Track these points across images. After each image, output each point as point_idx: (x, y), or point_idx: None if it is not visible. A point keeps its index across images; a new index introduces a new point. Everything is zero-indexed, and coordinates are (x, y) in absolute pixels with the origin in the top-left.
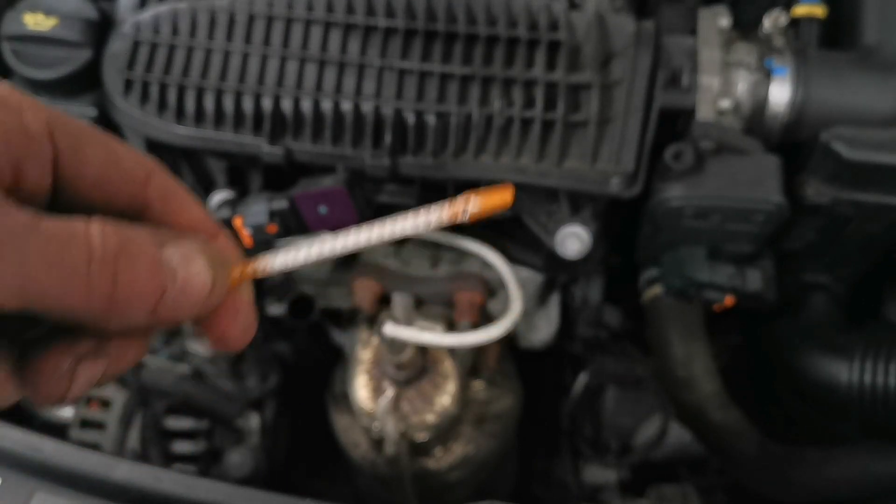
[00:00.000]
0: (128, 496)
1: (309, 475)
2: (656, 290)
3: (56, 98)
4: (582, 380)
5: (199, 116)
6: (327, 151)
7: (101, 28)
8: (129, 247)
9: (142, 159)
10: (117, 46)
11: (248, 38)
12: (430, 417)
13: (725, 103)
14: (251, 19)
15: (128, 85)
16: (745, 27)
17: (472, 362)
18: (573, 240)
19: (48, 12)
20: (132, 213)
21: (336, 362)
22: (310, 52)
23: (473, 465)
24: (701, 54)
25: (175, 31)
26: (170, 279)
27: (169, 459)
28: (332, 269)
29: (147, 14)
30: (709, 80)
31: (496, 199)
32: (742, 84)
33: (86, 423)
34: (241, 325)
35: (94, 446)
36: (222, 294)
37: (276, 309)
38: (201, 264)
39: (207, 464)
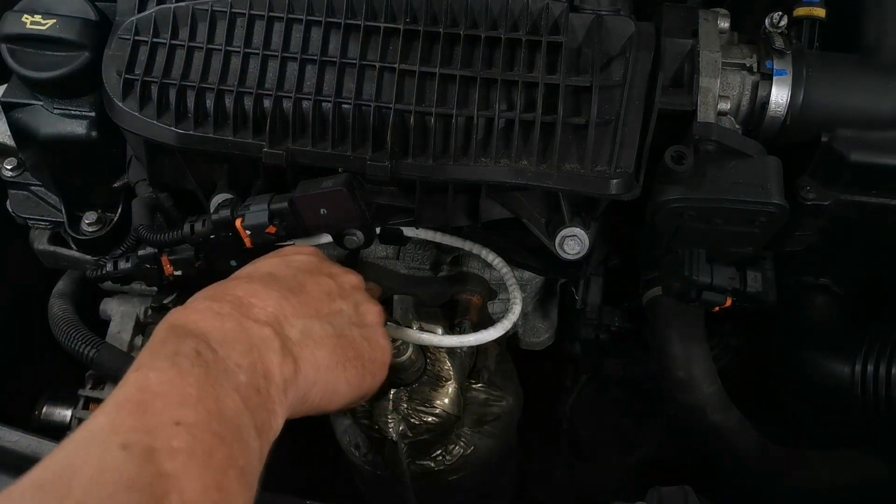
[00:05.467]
0: None
1: (309, 476)
2: (656, 291)
3: (55, 99)
4: (582, 381)
5: (199, 118)
6: (328, 153)
7: (101, 28)
8: None
9: None
10: (116, 47)
11: (248, 39)
12: (430, 418)
13: (725, 105)
14: (251, 20)
15: (127, 86)
16: (746, 29)
17: (472, 363)
18: (573, 241)
19: (47, 13)
20: None
21: None
22: (310, 54)
23: (473, 466)
24: (701, 56)
25: (175, 32)
26: None
27: None
28: None
29: (146, 14)
30: (709, 82)
31: None
32: (742, 86)
33: None
34: None
35: None
36: None
37: None
38: None
39: None
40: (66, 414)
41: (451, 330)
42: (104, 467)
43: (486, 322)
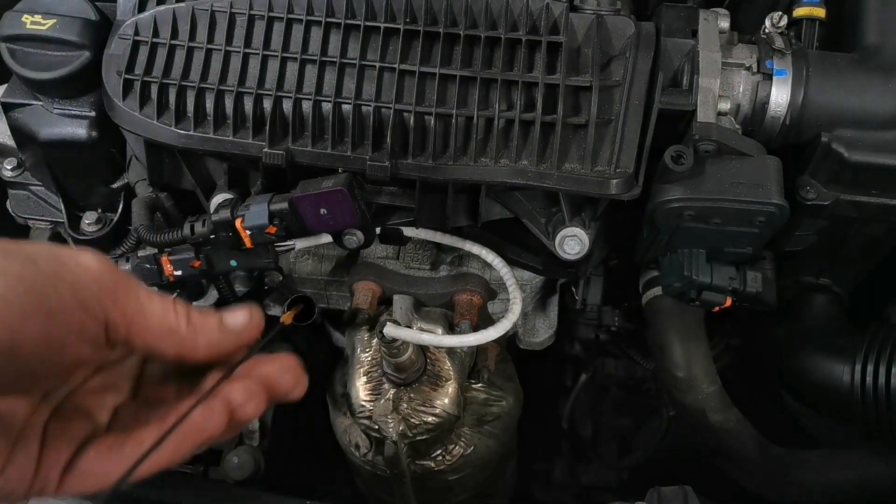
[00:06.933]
0: (126, 497)
1: (309, 476)
2: (656, 291)
3: (55, 99)
4: (582, 381)
5: (199, 118)
6: (328, 153)
7: (101, 29)
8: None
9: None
10: (117, 47)
11: (247, 40)
12: (430, 418)
13: (725, 105)
14: (251, 20)
15: (127, 86)
16: (746, 29)
17: (472, 363)
18: (573, 241)
19: (47, 13)
20: None
21: (336, 363)
22: (310, 54)
23: (473, 466)
24: (701, 56)
25: (174, 32)
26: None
27: None
28: (332, 271)
29: (146, 15)
30: (709, 82)
31: None
32: (742, 86)
33: None
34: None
35: None
36: None
37: (277, 310)
38: None
39: (207, 465)
40: None
41: (451, 330)
42: None
43: (486, 322)
